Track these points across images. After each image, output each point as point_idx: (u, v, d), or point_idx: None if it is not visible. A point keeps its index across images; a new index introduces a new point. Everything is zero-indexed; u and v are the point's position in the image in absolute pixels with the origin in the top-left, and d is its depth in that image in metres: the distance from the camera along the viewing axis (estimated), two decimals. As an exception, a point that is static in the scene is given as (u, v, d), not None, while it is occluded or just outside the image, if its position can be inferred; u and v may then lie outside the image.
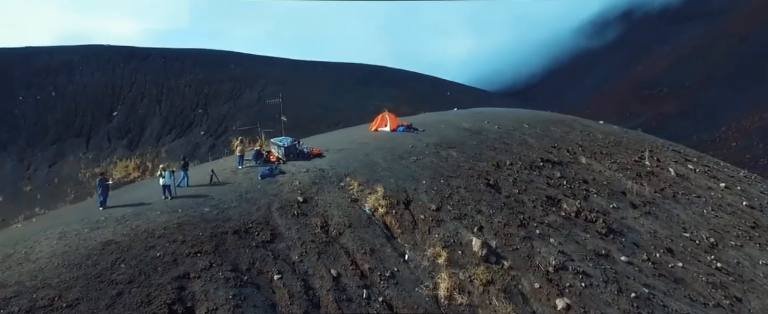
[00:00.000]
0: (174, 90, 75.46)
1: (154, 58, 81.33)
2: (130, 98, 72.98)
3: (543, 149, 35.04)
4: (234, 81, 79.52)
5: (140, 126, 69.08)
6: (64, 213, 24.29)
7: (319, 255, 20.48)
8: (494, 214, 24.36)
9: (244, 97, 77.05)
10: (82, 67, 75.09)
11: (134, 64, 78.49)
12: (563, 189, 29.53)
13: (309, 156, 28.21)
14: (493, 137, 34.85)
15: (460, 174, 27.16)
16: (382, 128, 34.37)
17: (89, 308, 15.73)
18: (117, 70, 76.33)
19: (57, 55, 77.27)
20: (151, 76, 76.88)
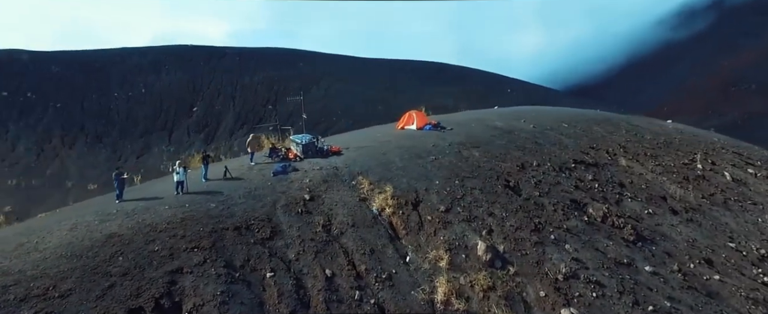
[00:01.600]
0: (247, 87, 78.92)
1: (230, 57, 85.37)
2: (208, 95, 76.97)
3: (579, 149, 33.29)
4: (302, 78, 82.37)
5: (216, 121, 72.62)
6: (84, 205, 25.52)
7: (317, 254, 20.33)
8: (507, 217, 23.31)
9: (311, 93, 79.44)
10: (168, 66, 79.96)
11: (213, 63, 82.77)
12: (593, 192, 27.88)
13: (327, 154, 28.16)
14: (524, 137, 33.47)
15: (477, 175, 26.22)
16: (408, 126, 33.86)
17: (79, 299, 16.34)
18: (197, 69, 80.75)
19: (148, 56, 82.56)
20: (227, 75, 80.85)
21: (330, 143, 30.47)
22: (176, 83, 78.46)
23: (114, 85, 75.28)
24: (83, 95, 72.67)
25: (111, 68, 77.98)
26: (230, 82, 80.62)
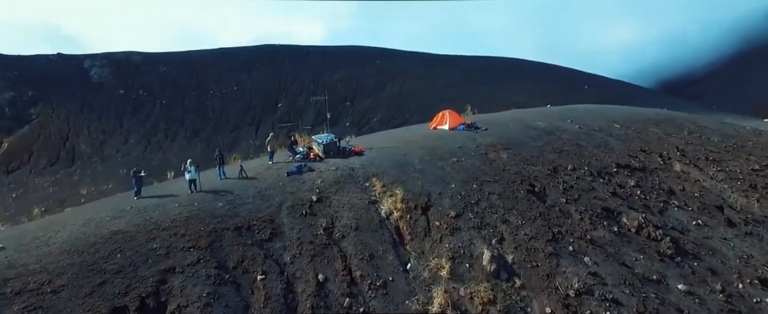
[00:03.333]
0: (328, 85, 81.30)
1: (313, 56, 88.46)
2: (292, 92, 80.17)
3: (626, 152, 30.64)
4: (378, 76, 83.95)
5: (298, 117, 75.05)
6: (104, 202, 26.63)
7: (313, 257, 19.88)
8: (523, 225, 21.71)
9: (386, 90, 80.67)
10: (258, 65, 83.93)
11: (298, 61, 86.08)
12: (632, 200, 25.48)
13: (348, 154, 27.70)
14: (565, 138, 31.28)
15: (499, 179, 24.69)
16: (441, 126, 32.68)
17: (69, 295, 16.86)
18: (283, 68, 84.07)
19: (240, 56, 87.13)
20: (310, 72, 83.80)
21: (355, 143, 29.99)
22: (264, 81, 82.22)
23: (210, 83, 79.99)
24: (184, 92, 77.47)
25: (208, 68, 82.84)
26: (312, 79, 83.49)
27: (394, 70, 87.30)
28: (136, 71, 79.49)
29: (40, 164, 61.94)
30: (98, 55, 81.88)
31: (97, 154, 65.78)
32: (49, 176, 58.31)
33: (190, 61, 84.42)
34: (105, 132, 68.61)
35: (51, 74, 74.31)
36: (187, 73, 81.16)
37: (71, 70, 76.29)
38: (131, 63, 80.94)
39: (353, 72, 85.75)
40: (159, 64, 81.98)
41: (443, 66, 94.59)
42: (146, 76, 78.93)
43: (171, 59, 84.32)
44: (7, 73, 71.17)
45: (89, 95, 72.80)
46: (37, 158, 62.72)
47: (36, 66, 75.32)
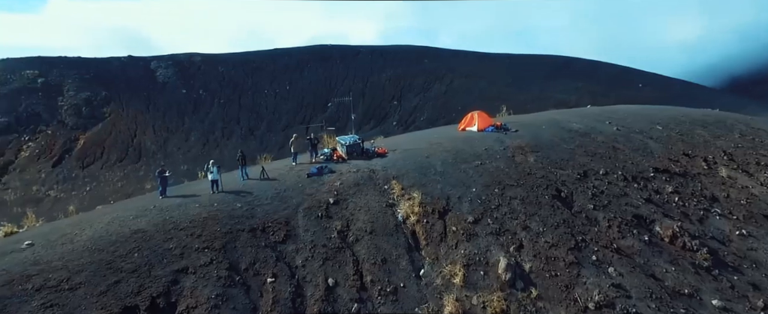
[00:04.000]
0: (376, 84, 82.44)
1: (363, 56, 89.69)
2: (341, 91, 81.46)
3: (666, 156, 28.98)
4: (426, 75, 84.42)
5: (346, 116, 76.48)
6: (131, 201, 27.34)
7: (325, 261, 19.71)
8: (544, 232, 20.79)
9: (433, 90, 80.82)
10: (310, 65, 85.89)
11: (348, 61, 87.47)
12: (668, 207, 24.04)
13: (371, 155, 27.42)
14: (601, 141, 29.89)
15: (523, 183, 23.79)
16: (469, 127, 31.89)
17: (86, 292, 17.31)
18: (334, 67, 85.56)
19: (294, 56, 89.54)
20: (359, 72, 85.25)
21: (380, 144, 29.68)
22: (315, 80, 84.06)
23: (265, 83, 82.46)
24: (241, 91, 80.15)
25: (264, 68, 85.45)
26: (361, 79, 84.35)
27: (441, 69, 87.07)
28: (197, 72, 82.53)
29: (111, 159, 65.23)
30: (164, 56, 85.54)
31: (160, 151, 68.59)
32: (118, 171, 61.31)
33: (247, 61, 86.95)
34: (168, 130, 71.43)
35: (122, 75, 78.41)
36: (244, 73, 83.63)
37: (139, 72, 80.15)
38: (193, 64, 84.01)
39: (401, 71, 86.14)
40: (218, 64, 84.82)
41: (491, 65, 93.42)
42: (206, 76, 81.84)
43: (229, 60, 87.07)
44: (85, 75, 75.48)
45: (155, 95, 76.11)
46: (108, 154, 66.14)
47: (109, 67, 79.54)
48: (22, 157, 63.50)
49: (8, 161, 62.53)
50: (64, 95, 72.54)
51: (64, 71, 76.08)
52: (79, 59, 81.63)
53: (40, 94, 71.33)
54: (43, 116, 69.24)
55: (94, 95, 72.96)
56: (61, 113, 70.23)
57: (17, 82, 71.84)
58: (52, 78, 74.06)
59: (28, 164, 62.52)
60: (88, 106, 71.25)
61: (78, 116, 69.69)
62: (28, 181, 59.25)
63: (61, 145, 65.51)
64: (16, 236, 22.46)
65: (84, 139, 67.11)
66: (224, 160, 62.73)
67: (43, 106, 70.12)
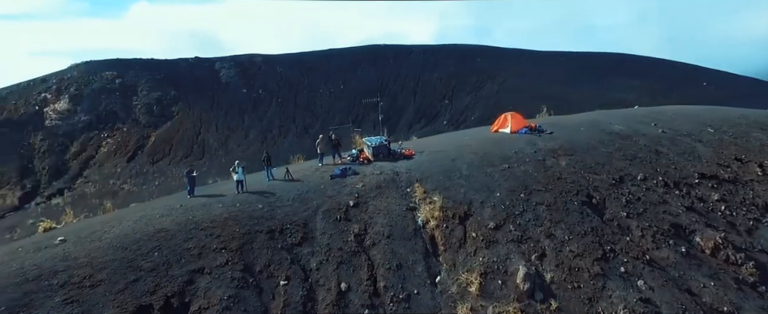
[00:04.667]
0: (427, 83, 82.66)
1: (415, 55, 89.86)
2: (393, 90, 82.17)
3: (715, 161, 27.07)
4: (478, 74, 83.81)
5: (398, 115, 76.98)
6: (162, 199, 28.00)
7: (339, 264, 19.49)
8: (570, 240, 19.76)
9: (485, 89, 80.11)
10: (363, 64, 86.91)
11: (400, 60, 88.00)
12: (713, 217, 22.41)
13: (397, 157, 27.03)
14: (643, 144, 28.26)
15: (552, 188, 22.75)
16: (502, 129, 30.90)
17: (105, 290, 17.79)
18: (387, 67, 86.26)
19: (347, 56, 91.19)
20: (411, 71, 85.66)
21: (408, 146, 29.24)
22: (368, 79, 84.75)
23: (320, 82, 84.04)
24: (297, 91, 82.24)
25: (319, 67, 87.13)
26: (413, 78, 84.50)
27: (494, 68, 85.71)
28: (257, 72, 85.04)
29: (178, 155, 68.30)
30: (227, 57, 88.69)
31: (222, 147, 71.12)
32: (183, 167, 63.73)
33: (303, 61, 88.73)
34: (229, 128, 73.89)
35: (189, 76, 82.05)
36: (300, 73, 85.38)
37: (205, 72, 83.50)
38: (254, 64, 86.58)
39: (453, 70, 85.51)
40: (277, 65, 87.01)
41: (545, 63, 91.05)
42: (266, 76, 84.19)
43: (287, 60, 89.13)
44: (157, 76, 79.49)
45: (218, 94, 79.01)
46: (175, 151, 69.35)
47: (178, 69, 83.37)
48: (101, 152, 67.76)
49: (89, 156, 66.80)
50: (138, 95, 76.84)
51: (139, 72, 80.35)
52: (151, 61, 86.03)
53: (117, 94, 75.76)
54: (120, 114, 73.42)
55: (164, 95, 76.79)
56: (135, 111, 74.29)
57: (98, 83, 76.48)
58: (128, 79, 78.41)
59: (106, 160, 66.46)
60: (159, 105, 75.24)
61: (150, 114, 73.79)
62: (105, 175, 62.92)
63: (134, 142, 69.41)
64: (53, 232, 23.48)
65: (154, 136, 70.97)
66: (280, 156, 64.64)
67: (120, 105, 74.34)
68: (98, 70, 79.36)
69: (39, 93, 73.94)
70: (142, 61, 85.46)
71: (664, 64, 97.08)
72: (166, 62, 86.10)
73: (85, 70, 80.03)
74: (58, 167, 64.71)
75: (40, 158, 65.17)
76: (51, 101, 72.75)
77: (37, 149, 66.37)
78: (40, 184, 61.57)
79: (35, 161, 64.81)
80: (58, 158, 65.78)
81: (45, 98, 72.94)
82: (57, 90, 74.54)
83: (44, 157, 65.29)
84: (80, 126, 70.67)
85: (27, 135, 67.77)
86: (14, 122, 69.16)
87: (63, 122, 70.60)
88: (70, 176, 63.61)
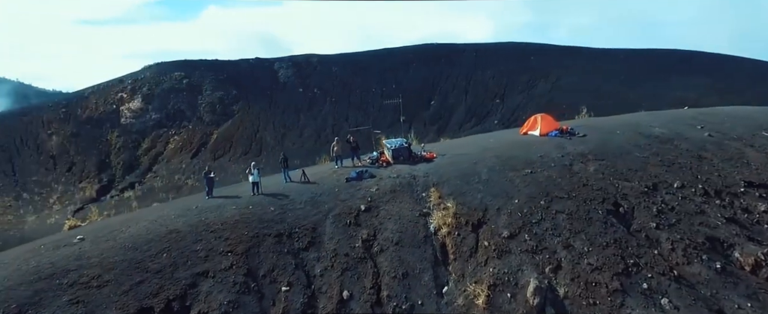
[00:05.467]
0: (479, 82, 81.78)
1: (467, 54, 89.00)
2: (444, 89, 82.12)
3: (767, 168, 24.74)
4: (531, 72, 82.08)
5: (449, 114, 76.81)
6: (180, 200, 28.32)
7: (344, 271, 18.96)
8: (589, 252, 18.41)
9: (537, 88, 78.41)
10: (415, 64, 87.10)
11: (452, 59, 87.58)
12: (757, 230, 20.50)
13: (417, 160, 26.25)
14: (684, 148, 26.25)
15: (575, 195, 21.36)
16: (532, 131, 29.51)
17: (110, 291, 17.93)
18: (438, 66, 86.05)
19: (399, 55, 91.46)
20: (463, 69, 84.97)
21: (432, 148, 28.39)
22: (419, 78, 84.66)
23: (372, 82, 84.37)
24: (350, 90, 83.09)
25: (372, 67, 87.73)
26: (465, 77, 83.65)
27: (548, 66, 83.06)
28: (313, 72, 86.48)
29: (237, 153, 70.54)
30: (285, 58, 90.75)
31: (278, 145, 72.75)
32: (242, 164, 65.71)
33: (357, 61, 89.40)
34: (285, 126, 75.45)
35: (250, 76, 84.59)
36: (353, 72, 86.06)
37: (264, 72, 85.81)
38: (310, 64, 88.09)
39: (505, 69, 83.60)
40: (332, 65, 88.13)
41: (603, 61, 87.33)
42: (321, 76, 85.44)
43: (342, 60, 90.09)
44: (219, 76, 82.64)
45: (276, 94, 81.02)
46: (235, 148, 71.65)
47: (239, 69, 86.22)
48: (169, 149, 71.29)
49: (159, 152, 70.52)
50: (202, 94, 79.79)
51: (204, 73, 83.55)
52: (216, 62, 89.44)
53: (184, 93, 79.29)
54: (186, 113, 76.74)
55: (227, 94, 79.63)
56: (200, 110, 77.25)
57: (167, 83, 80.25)
58: (195, 79, 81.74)
59: (173, 156, 69.66)
60: (221, 104, 78.28)
61: (213, 113, 76.87)
62: (172, 170, 65.88)
63: (198, 139, 72.40)
64: (76, 230, 24.15)
65: (216, 134, 73.64)
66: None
67: (187, 104, 77.63)
68: (168, 71, 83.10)
69: (116, 93, 78.32)
70: (207, 62, 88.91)
71: (733, 61, 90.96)
72: (229, 63, 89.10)
73: (156, 71, 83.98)
74: (130, 162, 68.60)
75: (115, 154, 69.09)
76: (126, 100, 77.23)
77: (114, 145, 70.46)
78: (115, 178, 65.55)
79: (111, 156, 68.74)
80: (131, 154, 69.56)
81: (121, 97, 77.41)
82: (131, 90, 78.74)
83: (119, 153, 69.26)
84: (151, 124, 74.42)
85: (105, 132, 72.11)
86: (94, 120, 73.58)
87: (136, 120, 74.66)
88: (141, 170, 67.15)
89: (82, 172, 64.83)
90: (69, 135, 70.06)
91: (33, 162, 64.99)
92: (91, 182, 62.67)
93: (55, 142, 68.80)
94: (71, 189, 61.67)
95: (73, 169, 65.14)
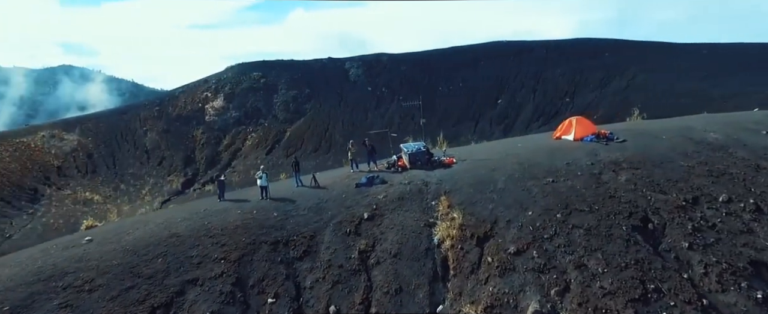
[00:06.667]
0: (549, 80, 79.40)
1: (537, 51, 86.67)
2: (512, 88, 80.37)
3: (839, 180, 21.35)
4: (605, 69, 78.48)
5: (516, 113, 75.33)
6: (193, 202, 28.18)
7: (335, 284, 17.91)
8: (604, 274, 16.33)
9: (611, 85, 74.84)
10: (483, 62, 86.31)
11: (522, 57, 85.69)
12: (815, 253, 17.43)
13: (435, 165, 24.80)
14: (740, 157, 23.20)
15: (598, 208, 19.18)
16: (565, 136, 27.22)
17: (100, 296, 17.75)
18: (507, 64, 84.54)
19: (468, 53, 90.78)
20: (532, 67, 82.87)
21: (453, 153, 26.81)
22: (487, 76, 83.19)
23: (439, 80, 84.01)
24: (417, 89, 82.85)
25: (440, 66, 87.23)
26: (534, 75, 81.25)
27: (624, 63, 78.43)
28: (382, 70, 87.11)
29: (308, 149, 72.65)
30: (355, 57, 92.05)
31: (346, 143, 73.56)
32: (312, 160, 67.43)
33: (426, 60, 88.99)
34: (353, 124, 76.46)
35: (321, 75, 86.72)
36: (421, 71, 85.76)
37: (335, 71, 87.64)
38: (379, 63, 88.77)
39: (577, 66, 79.87)
40: (400, 64, 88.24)
41: (685, 56, 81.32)
42: (390, 74, 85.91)
43: (410, 59, 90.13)
44: (294, 76, 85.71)
45: (346, 92, 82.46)
46: (306, 145, 73.80)
47: (312, 69, 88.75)
48: (246, 145, 74.74)
49: (237, 149, 74.11)
50: (278, 93, 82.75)
51: (280, 73, 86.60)
52: (291, 62, 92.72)
53: (261, 92, 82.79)
54: (263, 111, 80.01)
55: (300, 93, 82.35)
56: (275, 108, 79.99)
57: (246, 83, 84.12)
58: (271, 79, 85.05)
59: (250, 152, 72.68)
60: (295, 102, 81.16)
61: (287, 111, 79.95)
62: (248, 166, 68.73)
63: (273, 136, 75.22)
64: (91, 230, 24.57)
65: (289, 131, 76.05)
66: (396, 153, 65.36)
67: (263, 102, 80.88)
68: (247, 72, 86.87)
69: (202, 92, 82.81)
70: (283, 62, 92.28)
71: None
72: (303, 63, 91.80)
73: (237, 71, 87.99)
74: (212, 158, 72.10)
75: (200, 150, 72.80)
76: (210, 99, 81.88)
77: (198, 141, 74.37)
78: (198, 172, 69.14)
79: (196, 152, 72.54)
80: (213, 150, 73.10)
81: (206, 96, 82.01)
82: (215, 89, 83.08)
83: (203, 148, 72.95)
84: (231, 121, 77.99)
85: (191, 129, 76.35)
86: (183, 117, 78.07)
87: (218, 117, 78.70)
88: (221, 165, 70.28)
89: (170, 166, 68.97)
90: (161, 131, 74.64)
91: (130, 156, 69.57)
92: (177, 176, 66.74)
93: (149, 138, 73.55)
94: (160, 182, 65.03)
95: (163, 163, 69.37)
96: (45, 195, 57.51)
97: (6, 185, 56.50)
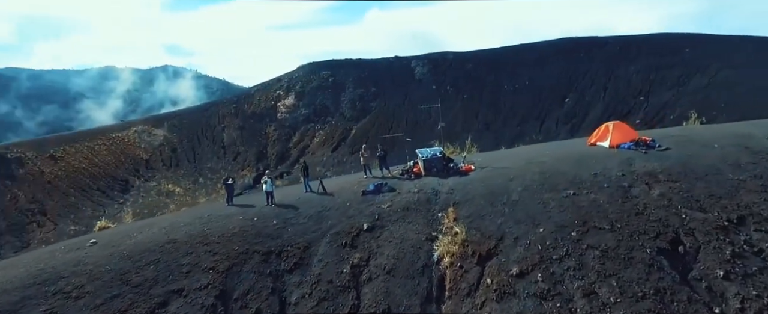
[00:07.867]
0: (621, 77, 75.55)
1: (610, 46, 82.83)
2: (581, 86, 77.27)
3: None
4: (684, 66, 73.43)
5: (584, 112, 72.46)
6: (201, 206, 27.66)
7: (321, 301, 16.69)
8: (616, 304, 14.18)
9: (691, 83, 69.89)
10: (551, 59, 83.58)
11: (593, 53, 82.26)
12: None
13: (450, 172, 23.11)
14: (803, 169, 20.06)
15: (621, 227, 16.91)
16: (600, 142, 24.73)
17: (85, 303, 17.29)
18: (576, 60, 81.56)
19: (535, 51, 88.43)
20: (603, 64, 79.17)
21: (474, 159, 24.98)
22: (555, 75, 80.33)
23: (505, 78, 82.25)
24: (482, 87, 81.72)
25: (506, 63, 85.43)
26: (605, 72, 77.38)
27: (706, 59, 72.54)
28: (448, 68, 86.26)
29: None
30: (421, 56, 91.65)
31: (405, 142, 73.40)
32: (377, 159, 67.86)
33: (492, 57, 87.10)
34: (417, 123, 75.90)
35: (388, 74, 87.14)
36: (487, 69, 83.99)
37: (402, 70, 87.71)
38: (445, 61, 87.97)
39: (653, 63, 74.65)
40: (466, 62, 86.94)
41: None
42: (455, 72, 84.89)
43: (475, 57, 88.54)
44: (361, 74, 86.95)
45: (411, 91, 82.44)
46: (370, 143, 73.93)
47: (378, 67, 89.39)
48: (314, 143, 76.71)
49: (305, 145, 75.92)
50: (345, 92, 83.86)
51: (348, 71, 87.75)
52: (359, 61, 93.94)
53: (330, 91, 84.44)
54: (331, 109, 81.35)
55: (366, 92, 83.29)
56: (342, 106, 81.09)
57: (316, 81, 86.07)
58: (339, 78, 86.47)
59: (318, 149, 74.37)
60: (361, 101, 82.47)
61: (353, 109, 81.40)
62: (315, 162, 70.44)
63: (339, 134, 76.59)
64: (103, 232, 24.60)
65: (355, 129, 77.01)
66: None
67: (331, 101, 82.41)
68: (317, 71, 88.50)
69: (274, 91, 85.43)
70: (351, 61, 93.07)
71: None
72: (370, 61, 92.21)
73: (308, 70, 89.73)
74: (282, 154, 74.04)
75: (271, 146, 74.98)
76: (282, 97, 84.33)
77: (270, 137, 76.48)
78: (269, 167, 71.10)
79: (268, 148, 74.80)
80: (283, 146, 75.08)
81: (278, 94, 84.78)
82: (287, 88, 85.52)
83: (274, 145, 75.17)
84: (301, 119, 79.65)
85: (265, 126, 78.62)
86: (257, 115, 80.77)
87: (289, 115, 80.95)
88: (290, 162, 71.95)
89: (244, 161, 71.30)
90: (237, 128, 77.22)
91: (209, 151, 72.50)
92: (250, 171, 68.78)
93: (226, 133, 76.39)
94: (234, 176, 67.14)
95: (238, 158, 71.78)
96: (134, 186, 61.71)
97: (102, 177, 61.43)
